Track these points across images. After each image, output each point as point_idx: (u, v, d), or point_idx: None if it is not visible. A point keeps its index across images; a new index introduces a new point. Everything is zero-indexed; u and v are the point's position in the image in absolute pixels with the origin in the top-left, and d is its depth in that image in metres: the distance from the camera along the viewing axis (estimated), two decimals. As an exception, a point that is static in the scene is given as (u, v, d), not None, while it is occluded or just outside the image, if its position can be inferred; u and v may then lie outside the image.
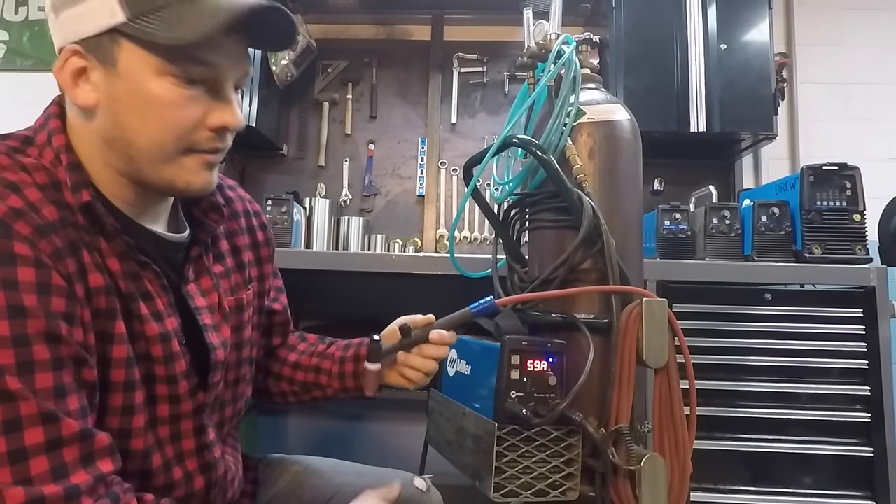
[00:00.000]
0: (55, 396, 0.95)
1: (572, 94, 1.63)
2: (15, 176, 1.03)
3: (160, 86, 1.10)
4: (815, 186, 2.78)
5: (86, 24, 1.08)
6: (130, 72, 1.09)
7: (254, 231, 1.53)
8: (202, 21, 1.07)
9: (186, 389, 1.21)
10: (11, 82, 4.29)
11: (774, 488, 2.57)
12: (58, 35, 1.12)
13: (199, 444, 1.25)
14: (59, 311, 0.97)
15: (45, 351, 0.94)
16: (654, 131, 3.33)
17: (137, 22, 1.07)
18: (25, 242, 0.95)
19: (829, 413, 2.59)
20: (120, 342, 1.09)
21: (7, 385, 0.90)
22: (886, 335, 2.57)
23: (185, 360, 1.20)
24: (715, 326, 2.65)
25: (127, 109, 1.10)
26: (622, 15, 3.52)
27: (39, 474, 0.91)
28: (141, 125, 1.11)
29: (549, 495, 1.48)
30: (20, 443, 0.90)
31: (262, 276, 1.54)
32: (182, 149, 1.15)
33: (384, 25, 4.29)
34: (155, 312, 1.16)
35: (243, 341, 1.40)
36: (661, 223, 2.96)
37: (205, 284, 1.31)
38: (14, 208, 0.97)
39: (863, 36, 4.07)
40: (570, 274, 1.56)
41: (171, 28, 1.06)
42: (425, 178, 4.14)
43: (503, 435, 1.46)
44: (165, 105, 1.11)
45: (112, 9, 1.06)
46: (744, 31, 3.48)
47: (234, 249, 1.45)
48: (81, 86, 1.11)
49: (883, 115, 3.99)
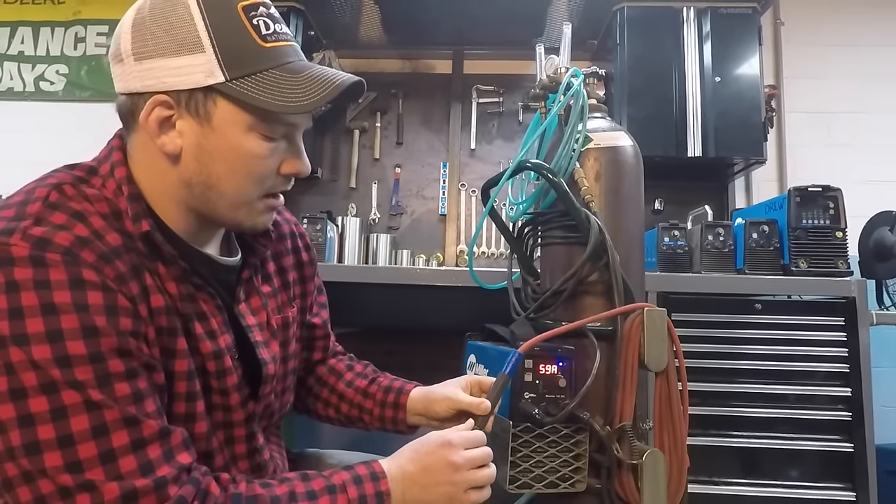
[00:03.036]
0: (134, 402, 0.96)
1: (580, 123, 1.63)
2: (80, 206, 1.02)
3: (250, 141, 1.11)
4: (801, 206, 2.77)
5: (180, 77, 1.06)
6: (224, 126, 1.09)
7: (298, 252, 1.51)
8: (308, 94, 1.09)
9: (238, 401, 1.20)
10: (70, 113, 4.31)
11: (764, 481, 2.56)
12: (135, 80, 1.08)
13: (250, 448, 1.25)
14: (126, 329, 0.98)
15: (120, 364, 0.95)
16: (655, 156, 3.31)
17: (236, 83, 1.07)
18: (92, 269, 0.95)
19: (813, 412, 2.57)
20: (182, 357, 1.09)
21: (91, 396, 0.91)
22: (866, 341, 2.55)
23: (237, 374, 1.20)
24: (710, 334, 2.64)
25: (216, 160, 1.10)
26: (626, 50, 3.52)
27: (129, 471, 0.92)
28: (227, 174, 1.11)
29: (559, 487, 1.48)
30: (109, 445, 0.92)
31: (305, 293, 1.52)
32: (261, 195, 1.17)
33: (409, 60, 4.30)
34: (209, 331, 1.16)
35: (289, 355, 1.39)
36: (661, 240, 2.95)
37: (255, 304, 1.30)
38: (80, 237, 0.97)
39: (844, 70, 4.06)
40: (579, 286, 1.56)
41: (274, 95, 1.07)
42: (447, 199, 4.13)
43: (518, 432, 1.46)
44: (254, 157, 1.12)
45: (211, 68, 1.06)
46: (736, 65, 3.47)
47: (280, 270, 1.43)
48: (167, 133, 1.09)
49: (863, 141, 3.97)
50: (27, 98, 4.37)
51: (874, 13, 4.10)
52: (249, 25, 1.09)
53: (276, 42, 1.11)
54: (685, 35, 3.51)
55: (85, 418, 0.91)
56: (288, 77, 1.10)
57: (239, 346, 1.24)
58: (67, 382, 0.90)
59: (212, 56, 1.06)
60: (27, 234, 0.93)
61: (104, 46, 4.35)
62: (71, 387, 0.90)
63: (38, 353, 0.89)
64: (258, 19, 1.10)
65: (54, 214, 0.98)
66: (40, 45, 4.43)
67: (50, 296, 0.91)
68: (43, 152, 4.12)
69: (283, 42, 1.13)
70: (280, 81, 1.09)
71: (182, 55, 1.06)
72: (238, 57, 1.07)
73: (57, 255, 0.93)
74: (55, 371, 0.89)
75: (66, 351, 0.91)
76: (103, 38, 4.37)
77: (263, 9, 1.12)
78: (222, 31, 1.07)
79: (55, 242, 0.94)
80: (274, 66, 1.10)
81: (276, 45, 1.11)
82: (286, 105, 1.07)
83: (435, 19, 3.86)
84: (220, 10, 1.07)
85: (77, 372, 0.91)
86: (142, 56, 1.07)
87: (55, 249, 0.93)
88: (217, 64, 1.06)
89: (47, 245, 0.93)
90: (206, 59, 1.06)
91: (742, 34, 3.51)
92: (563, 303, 1.60)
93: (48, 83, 4.38)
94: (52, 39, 4.41)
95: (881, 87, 4.04)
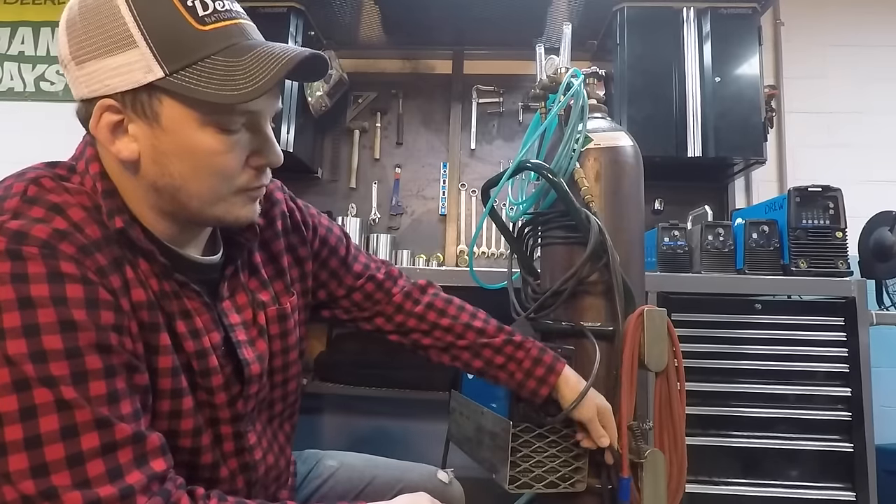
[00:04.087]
0: (108, 402, 0.93)
1: (580, 123, 1.63)
2: (59, 198, 0.99)
3: (206, 136, 1.03)
4: (800, 206, 2.78)
5: (119, 78, 0.98)
6: (174, 125, 1.01)
7: (288, 233, 1.39)
8: (253, 78, 0.99)
9: (224, 400, 1.17)
10: (70, 113, 4.22)
11: (764, 480, 2.56)
12: (82, 86, 1.02)
13: (238, 447, 1.22)
14: (108, 323, 0.95)
15: (98, 360, 0.92)
16: (655, 156, 3.30)
17: (177, 77, 0.98)
18: (71, 261, 0.92)
19: (813, 412, 2.58)
20: (165, 353, 1.06)
21: (63, 395, 0.88)
22: (865, 341, 2.56)
23: (222, 374, 1.16)
24: (710, 334, 2.64)
25: (174, 160, 1.03)
26: (626, 50, 3.51)
27: (96, 476, 0.89)
28: (191, 173, 1.04)
29: (559, 487, 1.49)
30: (77, 448, 0.89)
31: (304, 274, 1.42)
32: (232, 190, 1.10)
33: (409, 60, 4.29)
34: (192, 330, 1.12)
35: (290, 346, 1.33)
36: (661, 240, 2.95)
37: (240, 300, 1.24)
38: (58, 230, 0.94)
39: (844, 70, 4.06)
40: (579, 286, 1.56)
41: (217, 85, 0.98)
42: (447, 199, 4.12)
43: (518, 432, 1.46)
44: (213, 154, 1.04)
45: (148, 64, 0.97)
46: (736, 65, 3.47)
47: (272, 257, 1.35)
48: (120, 138, 1.02)
49: (862, 141, 3.97)
50: (27, 98, 4.38)
51: (874, 13, 4.09)
52: (183, 8, 0.99)
53: (217, 23, 1.01)
54: (685, 35, 3.51)
55: (55, 418, 0.88)
56: (231, 62, 1.00)
57: (228, 343, 1.20)
58: (40, 379, 0.87)
59: (146, 50, 0.97)
60: (3, 228, 0.90)
61: (104, 46, 4.29)
62: (43, 384, 0.87)
63: (13, 347, 0.87)
64: (194, 0, 1.00)
65: (32, 209, 0.96)
66: (40, 45, 4.43)
67: (27, 289, 0.88)
68: (43, 152, 4.11)
69: (225, 21, 1.02)
70: (223, 68, 0.99)
71: (116, 53, 0.98)
72: (174, 47, 0.98)
73: (34, 248, 0.90)
74: (28, 367, 0.87)
75: (42, 346, 0.88)
76: (103, 38, 4.32)
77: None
78: (153, 21, 0.97)
79: (32, 235, 0.91)
80: (216, 51, 1.00)
81: (217, 26, 1.01)
82: (232, 94, 0.98)
83: (435, 19, 3.86)
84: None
85: (52, 367, 0.88)
86: (80, 59, 1.00)
87: (32, 242, 0.90)
88: (153, 58, 0.97)
89: (24, 238, 0.90)
90: (141, 54, 0.97)
91: (742, 34, 3.51)
92: (563, 303, 1.60)
93: (48, 83, 4.38)
94: (53, 39, 4.40)
95: (881, 87, 4.03)
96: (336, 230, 1.53)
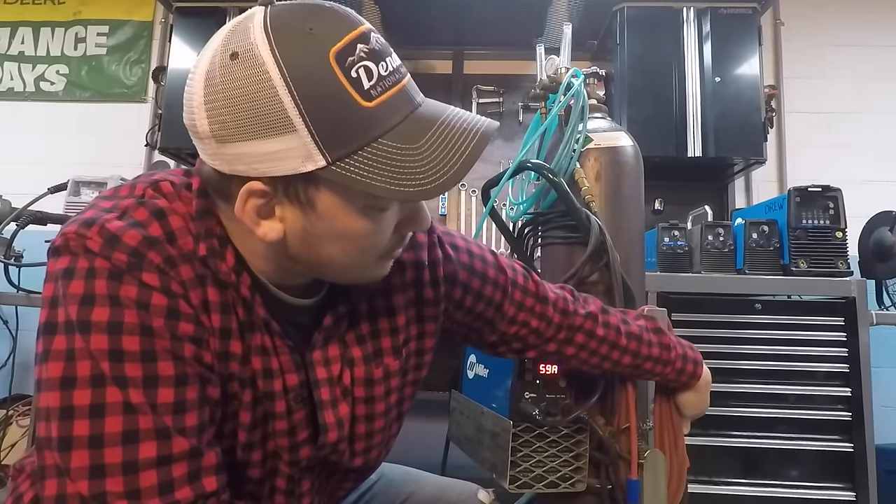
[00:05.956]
0: (174, 412, 0.90)
1: (580, 123, 1.63)
2: (167, 204, 0.95)
3: (365, 222, 0.94)
4: (800, 206, 2.77)
5: (271, 164, 0.87)
6: (331, 212, 0.92)
7: (421, 286, 1.22)
8: (436, 172, 0.89)
9: (286, 445, 1.08)
10: (70, 113, 4.31)
11: (764, 480, 2.57)
12: (223, 163, 0.90)
13: (289, 488, 1.13)
14: (185, 333, 0.92)
15: (170, 367, 0.90)
16: (655, 156, 3.30)
17: (341, 166, 0.86)
18: (155, 272, 0.90)
19: (813, 412, 2.58)
20: (232, 380, 1.01)
21: (131, 398, 0.87)
22: (865, 341, 2.56)
23: (287, 420, 1.07)
24: (710, 333, 2.65)
25: (325, 242, 0.95)
26: (626, 51, 3.52)
27: (147, 488, 0.87)
28: (340, 253, 0.97)
29: (560, 487, 1.48)
30: (135, 455, 0.87)
31: (423, 333, 1.24)
32: (375, 258, 1.01)
33: (410, 60, 4.28)
34: (266, 369, 1.04)
35: (376, 414, 1.17)
36: (661, 240, 2.95)
37: (332, 353, 1.11)
38: (149, 237, 0.90)
39: (843, 70, 4.07)
40: (579, 286, 1.56)
41: (391, 178, 0.87)
42: (447, 199, 4.14)
43: (518, 432, 1.46)
44: (368, 235, 0.96)
45: (308, 151, 0.85)
46: (736, 65, 3.48)
47: (388, 310, 1.18)
48: (267, 219, 0.93)
49: (862, 141, 3.98)
50: (27, 98, 4.38)
51: (874, 13, 4.10)
52: (347, 82, 0.86)
53: (383, 94, 0.88)
54: (685, 35, 3.52)
55: (119, 420, 0.87)
56: (406, 151, 0.88)
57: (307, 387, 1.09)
58: (114, 378, 0.86)
59: (306, 136, 0.85)
60: (104, 228, 0.89)
61: (104, 47, 4.34)
62: (116, 383, 0.86)
63: (96, 342, 0.86)
64: (357, 68, 0.87)
65: (139, 209, 0.93)
66: (40, 45, 4.44)
67: (118, 288, 0.87)
68: (43, 152, 4.17)
69: (391, 90, 0.90)
70: (397, 157, 0.88)
71: (271, 137, 0.86)
72: (338, 132, 0.86)
73: (123, 256, 0.88)
74: (105, 364, 0.86)
75: (121, 345, 0.87)
76: (103, 38, 4.35)
77: (362, 45, 0.88)
78: (315, 101, 0.85)
79: (123, 241, 0.89)
80: (385, 130, 0.89)
81: (383, 98, 0.88)
82: (406, 192, 0.87)
83: (435, 19, 3.86)
84: (308, 72, 0.85)
85: (127, 368, 0.87)
86: (224, 140, 0.88)
87: (122, 249, 0.88)
88: (314, 145, 0.85)
89: (116, 243, 0.88)
90: (300, 139, 0.85)
91: (742, 34, 3.52)
92: (564, 303, 1.60)
93: (48, 83, 4.39)
94: (53, 39, 4.42)
95: (880, 87, 4.04)
96: (491, 274, 1.31)
